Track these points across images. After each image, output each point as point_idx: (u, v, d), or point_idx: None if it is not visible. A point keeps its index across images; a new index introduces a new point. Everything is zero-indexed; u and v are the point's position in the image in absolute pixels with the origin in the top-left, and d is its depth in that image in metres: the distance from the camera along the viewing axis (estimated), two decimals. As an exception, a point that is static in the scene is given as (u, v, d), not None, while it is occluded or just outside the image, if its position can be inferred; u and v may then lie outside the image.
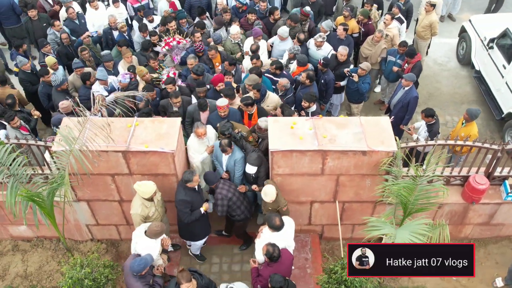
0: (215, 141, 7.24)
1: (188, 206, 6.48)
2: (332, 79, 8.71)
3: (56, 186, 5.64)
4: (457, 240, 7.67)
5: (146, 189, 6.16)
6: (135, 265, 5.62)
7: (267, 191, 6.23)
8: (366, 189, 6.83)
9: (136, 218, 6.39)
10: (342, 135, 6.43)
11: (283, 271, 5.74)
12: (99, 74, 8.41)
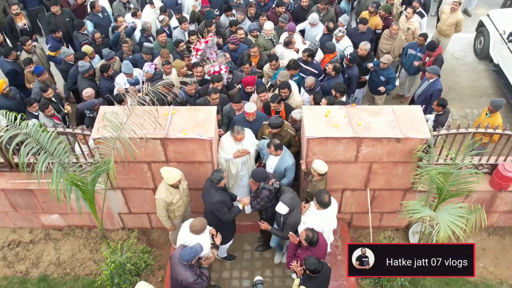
0: (253, 146, 7.14)
1: (225, 206, 6.39)
2: (356, 75, 8.86)
3: (102, 171, 5.74)
4: (484, 228, 7.80)
5: (171, 176, 6.19)
6: (186, 254, 5.58)
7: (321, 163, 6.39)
8: (397, 177, 6.96)
9: (159, 203, 6.41)
10: (376, 122, 6.56)
11: (320, 255, 5.86)
12: (124, 68, 8.53)
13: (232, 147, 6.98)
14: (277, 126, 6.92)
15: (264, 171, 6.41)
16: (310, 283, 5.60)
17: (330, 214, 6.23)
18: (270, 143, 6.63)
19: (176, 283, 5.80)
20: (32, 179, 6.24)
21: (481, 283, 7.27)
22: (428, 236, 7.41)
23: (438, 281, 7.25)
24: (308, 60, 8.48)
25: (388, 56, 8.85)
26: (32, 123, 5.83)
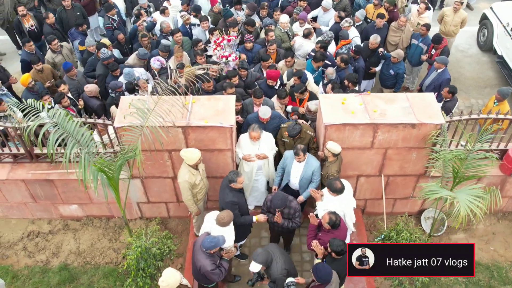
0: (272, 150, 7.16)
1: (237, 208, 6.34)
2: (362, 67, 9.09)
3: (130, 157, 5.87)
4: (493, 213, 8.03)
5: (191, 155, 6.34)
6: (207, 242, 5.68)
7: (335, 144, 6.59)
8: (411, 162, 7.15)
9: (184, 185, 6.52)
10: (391, 109, 6.75)
11: (342, 237, 6.03)
12: (125, 76, 8.59)
13: (249, 146, 7.01)
14: (296, 134, 6.95)
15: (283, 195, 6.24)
16: (334, 264, 5.73)
17: (346, 197, 6.40)
18: (297, 151, 6.56)
19: (196, 271, 5.95)
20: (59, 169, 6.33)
21: (493, 265, 7.48)
22: (440, 221, 7.65)
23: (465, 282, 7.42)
24: (321, 51, 8.67)
25: (399, 51, 9.05)
26: (59, 112, 5.95)
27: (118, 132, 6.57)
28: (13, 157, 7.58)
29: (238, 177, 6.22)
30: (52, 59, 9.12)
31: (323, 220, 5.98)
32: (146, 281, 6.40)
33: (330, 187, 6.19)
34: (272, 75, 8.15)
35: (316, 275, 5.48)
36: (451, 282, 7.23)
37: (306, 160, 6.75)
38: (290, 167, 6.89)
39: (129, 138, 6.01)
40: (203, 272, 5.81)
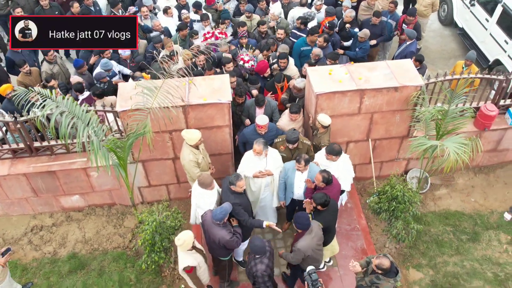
0: (278, 168, 6.94)
1: (241, 209, 6.30)
2: (339, 40, 9.65)
3: (140, 134, 6.16)
4: (469, 167, 8.73)
5: (191, 136, 6.65)
6: (217, 213, 5.92)
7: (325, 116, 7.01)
8: (395, 125, 7.73)
9: (190, 164, 6.79)
10: (374, 76, 7.29)
11: (335, 192, 6.39)
12: (102, 64, 8.81)
13: (256, 163, 6.83)
14: (296, 140, 6.82)
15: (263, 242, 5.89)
16: (320, 216, 6.18)
17: (343, 164, 6.85)
18: (299, 159, 6.47)
19: (213, 245, 6.17)
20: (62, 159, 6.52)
21: (475, 214, 8.16)
22: (424, 180, 8.26)
23: (438, 215, 8.09)
24: (301, 28, 9.18)
25: (366, 31, 9.60)
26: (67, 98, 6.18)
27: (121, 117, 6.85)
28: (12, 152, 7.69)
29: (237, 181, 6.14)
30: (51, 70, 8.99)
31: (317, 181, 6.31)
32: (161, 255, 6.69)
33: (328, 149, 6.61)
34: (260, 69, 8.45)
35: (296, 223, 5.91)
36: (440, 231, 7.85)
37: (309, 169, 6.65)
38: (293, 178, 6.74)
39: (137, 117, 6.29)
40: (223, 244, 6.01)
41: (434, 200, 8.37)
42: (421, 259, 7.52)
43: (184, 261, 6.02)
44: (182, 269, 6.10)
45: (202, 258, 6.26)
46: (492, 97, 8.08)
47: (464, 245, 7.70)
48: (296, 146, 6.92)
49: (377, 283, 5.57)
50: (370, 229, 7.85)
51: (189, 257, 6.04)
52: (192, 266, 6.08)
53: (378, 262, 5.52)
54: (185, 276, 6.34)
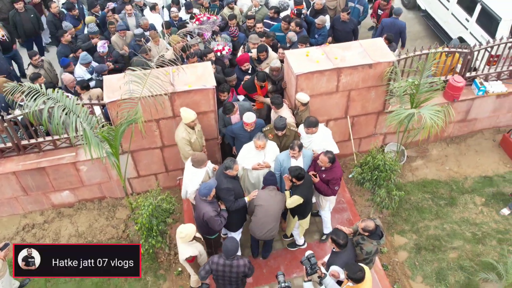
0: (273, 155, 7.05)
1: (232, 194, 6.48)
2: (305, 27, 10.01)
3: (132, 121, 6.36)
4: (442, 139, 9.25)
5: (187, 115, 6.93)
6: (202, 189, 6.23)
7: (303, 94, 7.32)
8: (371, 101, 8.14)
9: (182, 142, 7.09)
10: (349, 55, 7.68)
11: (339, 169, 6.70)
12: (82, 58, 8.99)
13: (254, 156, 6.96)
14: (283, 126, 6.98)
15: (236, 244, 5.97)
16: (298, 190, 6.49)
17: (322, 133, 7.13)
18: (293, 146, 6.63)
19: (198, 220, 6.49)
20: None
21: (450, 180, 8.67)
22: (401, 153, 8.70)
23: (417, 184, 8.56)
24: (274, 17, 9.50)
25: (323, 18, 9.98)
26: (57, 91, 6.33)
27: (109, 108, 7.02)
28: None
29: (235, 164, 6.37)
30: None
31: (322, 163, 6.54)
32: (158, 239, 6.89)
33: (309, 124, 6.89)
34: (240, 59, 8.52)
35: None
36: (419, 199, 8.32)
37: (302, 154, 6.84)
38: (288, 166, 6.77)
39: (127, 106, 6.49)
40: (206, 219, 6.28)
41: (412, 171, 8.84)
42: (404, 225, 7.96)
43: (186, 252, 6.17)
44: (183, 260, 6.24)
45: (202, 247, 6.43)
46: (459, 70, 8.59)
47: (443, 210, 8.18)
48: (284, 133, 7.10)
49: (361, 243, 5.92)
50: (354, 201, 8.25)
51: (189, 247, 6.20)
52: (193, 256, 6.24)
53: (364, 225, 5.89)
54: (186, 266, 6.50)
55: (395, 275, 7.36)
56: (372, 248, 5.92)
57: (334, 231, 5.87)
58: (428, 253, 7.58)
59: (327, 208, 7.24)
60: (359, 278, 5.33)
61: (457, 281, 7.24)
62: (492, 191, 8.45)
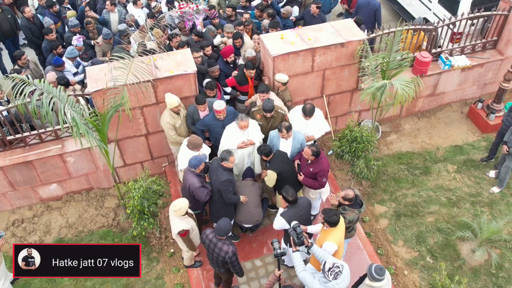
0: (259, 137, 7.34)
1: (231, 186, 6.67)
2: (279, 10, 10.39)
3: (119, 106, 6.56)
4: (412, 113, 9.73)
5: (170, 100, 7.22)
6: (192, 160, 6.58)
7: (282, 74, 7.66)
8: (345, 79, 8.53)
9: (166, 126, 7.40)
10: (321, 36, 8.05)
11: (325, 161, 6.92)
12: (68, 52, 9.16)
13: (237, 137, 7.19)
14: (272, 108, 7.24)
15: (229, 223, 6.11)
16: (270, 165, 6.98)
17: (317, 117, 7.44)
18: (281, 128, 6.90)
19: (184, 191, 6.80)
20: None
21: (424, 151, 9.14)
22: (376, 128, 9.12)
23: (393, 157, 9.00)
24: (246, 5, 9.83)
25: (288, 8, 10.34)
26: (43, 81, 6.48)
27: (94, 97, 7.21)
28: (-15, 149, 7.84)
29: (230, 156, 6.59)
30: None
31: (306, 155, 6.74)
32: (150, 220, 7.11)
33: (311, 111, 7.18)
34: (225, 51, 8.58)
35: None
36: (396, 170, 8.76)
37: (293, 135, 7.11)
38: (278, 145, 7.15)
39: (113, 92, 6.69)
40: (192, 190, 6.59)
41: (387, 145, 9.28)
42: (383, 195, 8.38)
43: (179, 226, 6.38)
44: (176, 233, 6.45)
45: (194, 222, 6.66)
46: (425, 47, 9.07)
47: (418, 179, 8.64)
48: (272, 114, 7.38)
49: (343, 213, 6.27)
50: (335, 176, 8.63)
51: (182, 221, 6.42)
52: (186, 230, 6.46)
53: (344, 194, 6.25)
54: (178, 240, 6.72)
55: (378, 241, 7.76)
56: (354, 216, 6.29)
57: (284, 188, 6.28)
58: (407, 219, 8.01)
59: (318, 199, 7.46)
60: (335, 221, 5.76)
61: (436, 242, 7.68)
62: (463, 159, 8.96)
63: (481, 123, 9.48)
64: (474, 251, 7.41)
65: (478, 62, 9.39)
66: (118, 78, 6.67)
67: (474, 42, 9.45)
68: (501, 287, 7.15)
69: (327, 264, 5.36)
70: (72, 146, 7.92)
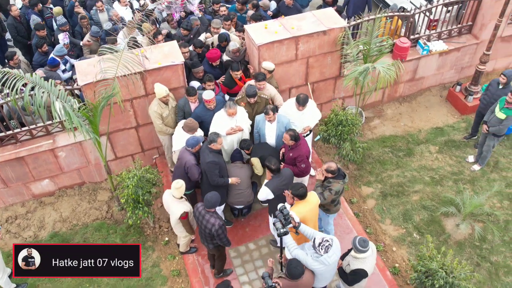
0: (247, 124, 7.55)
1: (217, 168, 6.83)
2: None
3: (110, 96, 6.71)
4: (394, 98, 10.05)
5: (159, 90, 7.40)
6: (190, 139, 6.92)
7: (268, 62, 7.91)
8: (328, 67, 8.79)
9: (153, 114, 7.60)
10: (304, 24, 8.29)
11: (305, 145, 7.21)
12: (57, 50, 9.23)
13: (226, 123, 7.38)
14: (255, 93, 7.46)
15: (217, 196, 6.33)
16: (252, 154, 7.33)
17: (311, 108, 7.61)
18: (267, 110, 7.14)
19: (181, 170, 6.99)
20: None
21: (406, 134, 9.47)
22: (359, 114, 9.40)
23: (377, 141, 9.29)
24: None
25: (265, 1, 10.60)
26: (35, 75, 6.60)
27: (84, 91, 7.33)
28: (-24, 146, 7.89)
29: (218, 138, 6.82)
30: None
31: (285, 140, 6.99)
32: (145, 209, 7.27)
33: (304, 101, 7.30)
34: (212, 57, 8.46)
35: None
36: (381, 153, 9.06)
37: (277, 119, 7.34)
38: (264, 129, 7.45)
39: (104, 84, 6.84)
40: (188, 166, 6.87)
41: (371, 130, 9.57)
42: (369, 177, 8.66)
43: (180, 209, 6.54)
44: (178, 218, 6.59)
45: (190, 206, 6.81)
46: (403, 33, 9.39)
47: (402, 160, 8.94)
48: (256, 100, 7.58)
49: (329, 185, 6.53)
50: (322, 161, 8.87)
51: (181, 204, 6.60)
52: (186, 212, 6.61)
53: (327, 166, 6.52)
54: (177, 227, 6.86)
55: (366, 221, 8.04)
56: (339, 187, 6.53)
57: (268, 158, 6.59)
58: (393, 199, 8.30)
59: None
60: (302, 193, 6.06)
61: (422, 219, 7.99)
62: (444, 140, 9.30)
63: (460, 105, 9.84)
64: (458, 226, 7.73)
65: (455, 47, 9.74)
66: (108, 69, 6.83)
67: (450, 28, 9.80)
68: (485, 257, 7.48)
69: (317, 240, 5.59)
70: (63, 141, 8.04)
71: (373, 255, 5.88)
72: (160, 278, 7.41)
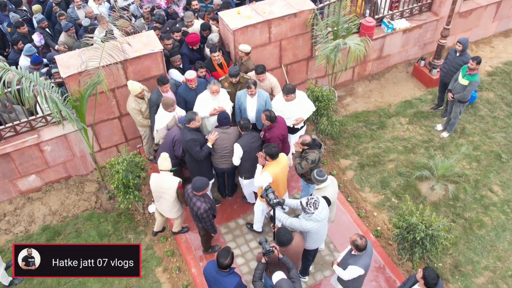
0: (230, 104, 7.81)
1: (197, 144, 7.09)
2: None
3: (96, 83, 6.91)
4: (363, 77, 10.55)
5: (132, 87, 7.65)
6: (182, 118, 7.37)
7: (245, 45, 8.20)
8: (300, 48, 9.20)
9: (133, 111, 7.89)
10: (275, 8, 8.67)
11: (283, 124, 7.47)
12: (26, 50, 9.26)
13: (209, 105, 7.66)
14: (237, 73, 7.80)
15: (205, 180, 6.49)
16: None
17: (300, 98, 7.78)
18: (249, 84, 7.45)
19: (168, 143, 7.31)
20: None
21: (377, 109, 9.97)
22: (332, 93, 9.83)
23: (350, 117, 9.76)
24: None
25: None
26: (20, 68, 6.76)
27: (67, 82, 7.50)
28: (-40, 146, 7.94)
29: (196, 116, 7.05)
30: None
31: (263, 120, 7.25)
32: (135, 193, 7.50)
33: (289, 90, 7.50)
34: (192, 41, 8.67)
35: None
36: (355, 127, 9.52)
37: (258, 93, 7.65)
38: (245, 103, 7.76)
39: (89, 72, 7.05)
40: (176, 140, 7.18)
41: (344, 107, 10.04)
42: (346, 150, 9.11)
43: (174, 180, 6.79)
44: (176, 188, 6.79)
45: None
46: (368, 14, 9.90)
47: (376, 133, 9.43)
48: (238, 80, 7.90)
49: (305, 155, 6.91)
50: (301, 139, 9.27)
51: (173, 177, 6.86)
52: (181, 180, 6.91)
53: (302, 140, 6.93)
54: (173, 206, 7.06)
55: (347, 191, 8.47)
56: (315, 156, 6.89)
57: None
58: (371, 168, 8.77)
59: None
60: (274, 153, 6.56)
61: (398, 184, 8.49)
62: (413, 112, 9.85)
63: (425, 79, 10.42)
64: (432, 187, 8.25)
65: (417, 24, 10.31)
66: (92, 59, 7.04)
67: (411, 6, 10.36)
68: (459, 214, 8.02)
69: (303, 201, 5.93)
70: (48, 135, 8.17)
71: (333, 184, 6.46)
72: (155, 260, 7.65)
